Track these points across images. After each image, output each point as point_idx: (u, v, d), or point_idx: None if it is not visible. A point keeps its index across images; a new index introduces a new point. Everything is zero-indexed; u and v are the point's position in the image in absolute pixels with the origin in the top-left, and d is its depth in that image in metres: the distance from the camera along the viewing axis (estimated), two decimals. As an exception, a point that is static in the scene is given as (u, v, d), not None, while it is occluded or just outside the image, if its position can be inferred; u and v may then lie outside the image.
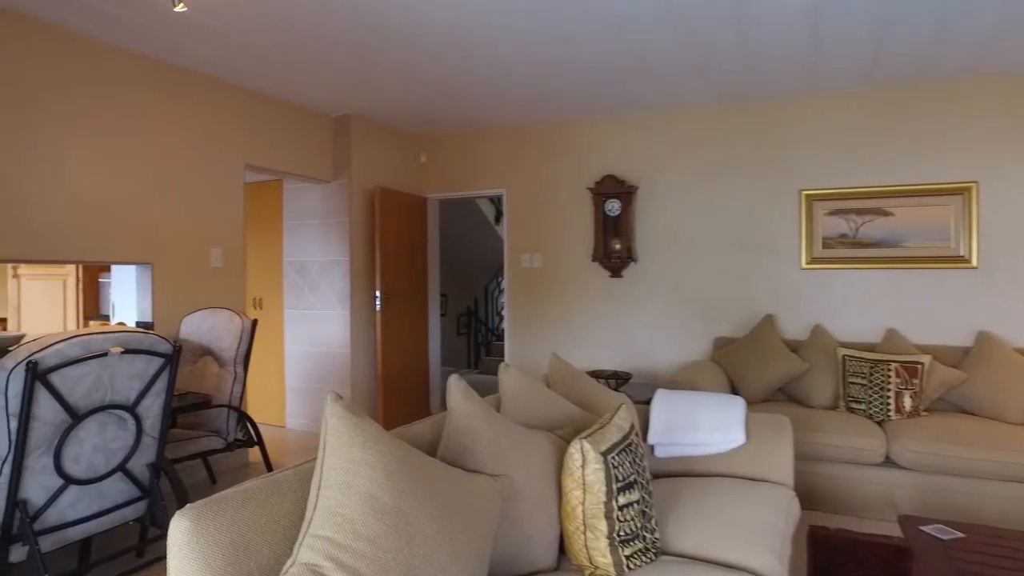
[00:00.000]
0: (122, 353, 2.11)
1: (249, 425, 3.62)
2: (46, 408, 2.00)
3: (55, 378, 1.99)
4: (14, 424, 1.96)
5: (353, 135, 5.17)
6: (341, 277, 5.14)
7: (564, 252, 5.44)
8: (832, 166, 4.53)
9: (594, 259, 5.25)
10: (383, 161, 5.51)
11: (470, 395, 1.73)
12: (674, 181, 5.05)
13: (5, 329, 5.85)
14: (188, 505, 1.23)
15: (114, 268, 4.23)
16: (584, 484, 1.71)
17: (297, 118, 4.89)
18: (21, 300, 5.89)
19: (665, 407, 2.81)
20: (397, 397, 5.43)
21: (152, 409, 2.30)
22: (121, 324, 3.60)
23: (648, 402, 4.42)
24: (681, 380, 3.91)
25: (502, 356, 8.48)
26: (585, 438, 1.74)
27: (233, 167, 4.37)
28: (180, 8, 2.79)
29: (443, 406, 6.30)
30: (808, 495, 3.55)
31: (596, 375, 4.75)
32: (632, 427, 1.98)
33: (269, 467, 3.69)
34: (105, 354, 2.07)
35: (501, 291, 9.69)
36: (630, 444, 1.88)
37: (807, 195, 4.57)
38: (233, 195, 4.38)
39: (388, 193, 5.33)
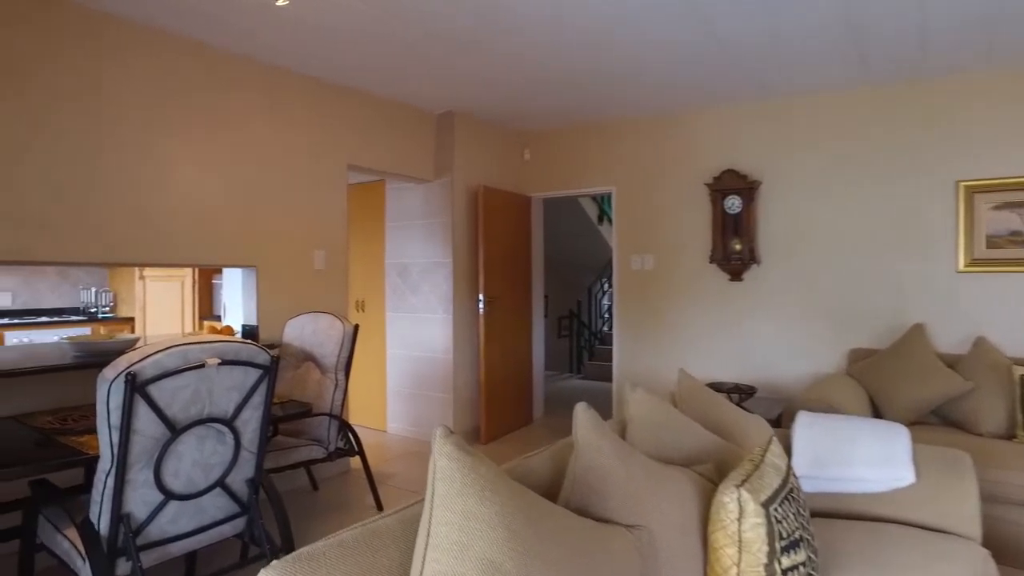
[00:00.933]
0: (219, 365, 1.98)
1: (350, 434, 3.51)
2: (145, 421, 1.91)
3: (153, 390, 1.89)
4: (115, 437, 1.88)
5: (456, 132, 5.01)
6: (443, 279, 5.00)
7: (678, 253, 5.05)
8: (999, 152, 3.91)
9: (711, 261, 4.84)
10: (486, 159, 5.33)
11: (600, 427, 1.46)
12: (803, 174, 4.56)
13: (132, 329, 6.13)
14: (275, 562, 1.03)
15: (225, 271, 4.26)
16: (740, 541, 1.40)
17: (399, 116, 4.78)
18: (146, 301, 6.16)
19: (810, 433, 2.42)
20: (500, 403, 5.23)
21: (250, 423, 2.18)
22: (228, 328, 3.58)
23: (779, 422, 3.99)
24: (814, 398, 3.47)
25: (606, 360, 8.14)
26: (741, 485, 1.43)
27: (336, 168, 4.31)
28: (282, 2, 2.68)
29: (547, 412, 6.06)
30: (984, 543, 3.01)
31: (715, 388, 4.35)
32: (789, 467, 1.64)
33: (370, 478, 3.57)
34: (202, 365, 1.95)
35: (605, 293, 9.35)
36: (791, 491, 1.55)
37: (967, 186, 3.97)
38: (336, 196, 4.31)
39: (492, 192, 5.14)
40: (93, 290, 6.28)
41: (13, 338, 5.47)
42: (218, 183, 3.61)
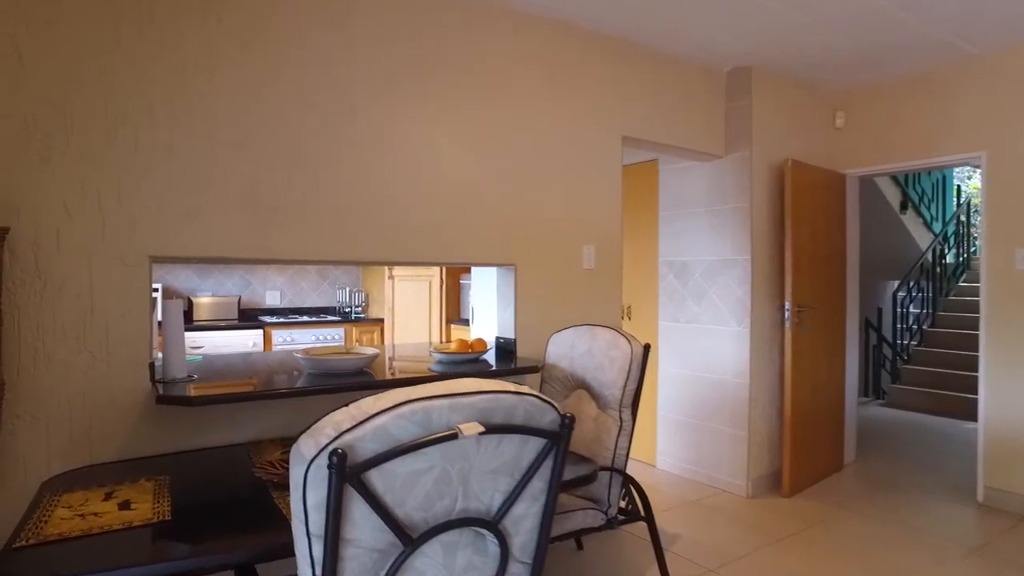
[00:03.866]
0: (481, 434, 1.14)
1: (635, 492, 2.58)
2: (364, 525, 1.13)
3: (375, 478, 1.10)
4: (317, 551, 1.12)
5: (754, 94, 3.85)
6: (737, 282, 3.86)
7: (1104, 245, 3.36)
8: None
9: None
10: (788, 128, 4.08)
11: None
12: None
13: (382, 332, 5.90)
14: None
15: (473, 270, 3.62)
16: None
17: (678, 75, 3.75)
18: (395, 302, 5.89)
19: None
20: (808, 443, 3.97)
21: (525, 520, 1.32)
22: (479, 341, 2.86)
23: None
24: None
25: (916, 385, 6.37)
26: None
27: (608, 142, 3.41)
28: None
29: (859, 456, 4.62)
30: None
31: None
32: None
33: (659, 552, 2.61)
34: (454, 436, 1.12)
35: (912, 299, 7.41)
36: None
37: None
38: (609, 177, 3.42)
39: (801, 169, 3.88)
40: (347, 290, 6.19)
41: (279, 337, 5.48)
42: (472, 165, 2.91)
